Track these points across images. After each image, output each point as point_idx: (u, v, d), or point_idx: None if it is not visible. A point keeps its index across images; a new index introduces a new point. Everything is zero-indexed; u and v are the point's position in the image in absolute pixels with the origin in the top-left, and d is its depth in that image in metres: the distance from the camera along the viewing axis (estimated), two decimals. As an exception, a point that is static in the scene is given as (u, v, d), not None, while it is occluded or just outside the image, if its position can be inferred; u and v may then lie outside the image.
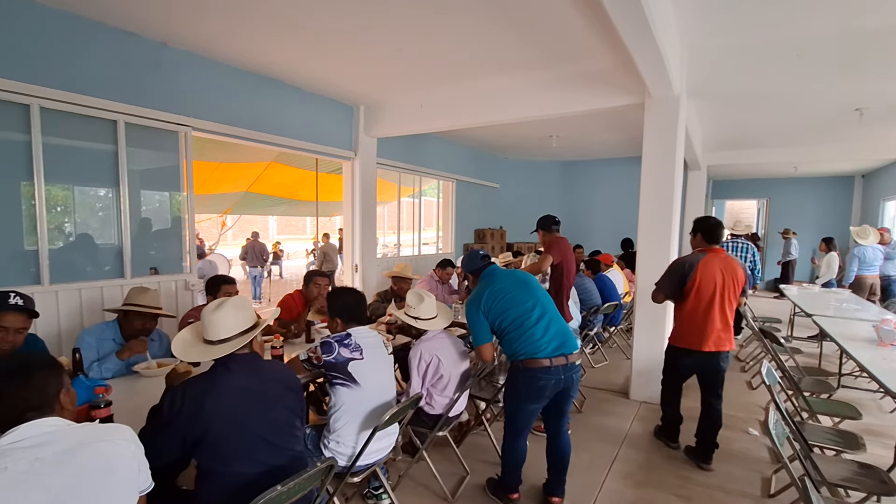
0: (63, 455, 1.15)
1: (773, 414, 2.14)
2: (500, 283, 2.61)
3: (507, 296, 2.55)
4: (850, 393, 4.47)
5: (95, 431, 1.25)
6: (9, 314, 2.12)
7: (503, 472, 2.72)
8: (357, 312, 2.43)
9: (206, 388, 1.65)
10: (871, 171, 10.43)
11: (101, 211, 3.83)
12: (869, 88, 4.78)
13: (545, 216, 4.05)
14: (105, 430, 1.27)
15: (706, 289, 3.04)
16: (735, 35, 3.69)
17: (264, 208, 13.16)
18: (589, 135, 7.59)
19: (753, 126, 6.66)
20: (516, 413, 2.58)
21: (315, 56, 4.20)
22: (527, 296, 2.56)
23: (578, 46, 3.84)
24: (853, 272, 6.43)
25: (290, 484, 1.47)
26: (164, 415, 1.62)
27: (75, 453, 1.16)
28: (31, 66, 3.17)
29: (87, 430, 1.24)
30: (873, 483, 2.22)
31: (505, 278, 2.65)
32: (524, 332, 2.48)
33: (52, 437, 1.17)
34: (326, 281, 3.77)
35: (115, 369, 2.52)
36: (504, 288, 2.57)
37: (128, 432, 1.30)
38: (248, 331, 1.80)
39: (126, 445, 1.27)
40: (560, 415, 2.62)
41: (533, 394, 2.46)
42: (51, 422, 1.22)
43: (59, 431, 1.20)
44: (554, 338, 2.48)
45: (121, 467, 1.24)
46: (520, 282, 2.64)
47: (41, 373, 1.29)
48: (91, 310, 3.54)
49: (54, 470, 1.12)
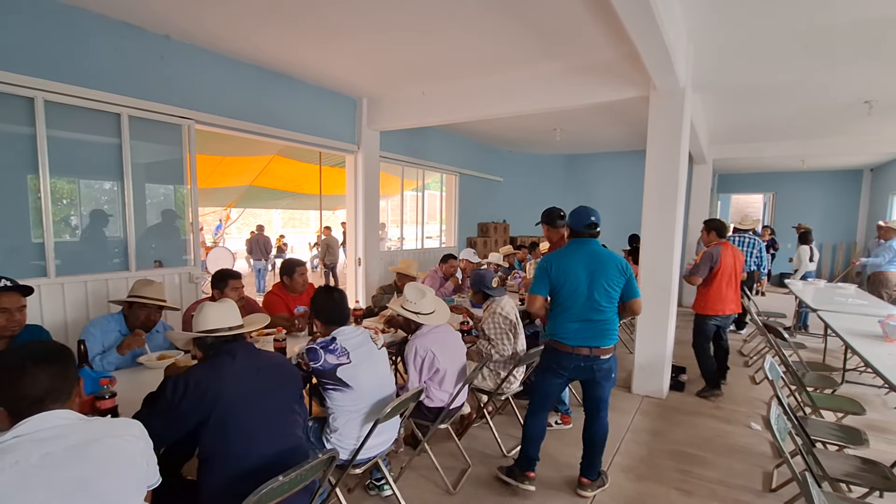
0: (73, 450, 1.15)
1: (774, 409, 2.14)
2: (577, 261, 2.64)
3: (570, 276, 2.62)
4: (855, 388, 4.45)
5: (106, 426, 1.25)
6: (4, 295, 2.18)
7: (522, 446, 2.83)
8: (337, 314, 2.35)
9: (210, 372, 1.71)
10: (881, 164, 10.30)
11: (105, 204, 3.85)
12: (878, 80, 4.71)
13: (550, 209, 3.69)
14: (115, 425, 1.28)
15: (725, 271, 4.20)
16: (741, 27, 3.64)
17: (268, 202, 13.19)
18: (593, 128, 7.54)
19: (760, 119, 6.58)
20: (540, 384, 2.85)
21: (318, 48, 4.19)
22: (586, 285, 2.60)
23: (582, 39, 3.80)
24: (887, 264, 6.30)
25: (292, 475, 1.48)
26: (167, 398, 1.64)
27: (85, 449, 1.16)
28: (35, 59, 3.19)
29: (97, 424, 1.25)
30: (875, 478, 2.21)
31: (583, 258, 2.64)
32: (562, 314, 2.65)
33: (64, 430, 1.17)
34: (305, 267, 3.78)
35: (118, 362, 2.54)
36: (574, 268, 2.62)
37: (137, 428, 1.32)
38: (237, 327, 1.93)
39: (136, 442, 1.28)
40: (591, 400, 2.78)
41: (553, 371, 2.75)
42: (63, 414, 1.21)
43: (70, 425, 1.20)
44: (583, 329, 2.60)
45: (130, 463, 1.25)
46: (591, 270, 2.61)
47: (71, 362, 1.30)
48: (96, 302, 3.57)
49: (65, 465, 1.12)
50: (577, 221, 2.73)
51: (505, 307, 3.39)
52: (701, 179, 8.65)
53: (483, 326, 3.37)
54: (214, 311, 1.90)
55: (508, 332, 3.32)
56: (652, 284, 4.16)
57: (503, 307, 3.38)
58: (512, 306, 3.46)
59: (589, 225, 2.69)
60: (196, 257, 4.34)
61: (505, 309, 3.37)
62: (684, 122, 4.01)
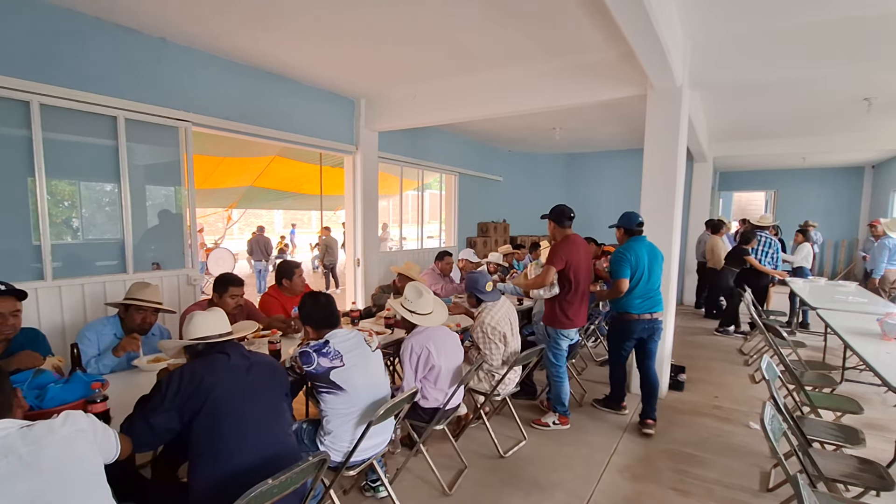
0: (20, 462, 1.12)
1: (768, 409, 2.13)
2: (642, 251, 3.52)
3: (641, 263, 3.49)
4: (854, 387, 4.43)
5: (49, 430, 1.22)
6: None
7: (612, 391, 3.93)
8: (326, 318, 2.34)
9: (204, 368, 1.77)
10: (882, 161, 10.25)
11: (103, 206, 3.86)
12: (878, 77, 4.69)
13: (559, 207, 3.58)
14: (58, 425, 1.24)
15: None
16: (738, 24, 3.62)
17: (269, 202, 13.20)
18: (593, 127, 7.52)
19: (760, 116, 6.56)
20: (615, 349, 3.78)
21: (315, 49, 4.18)
22: (648, 270, 3.51)
23: (579, 37, 3.79)
24: (883, 265, 6.30)
25: (282, 477, 1.48)
26: (161, 393, 1.68)
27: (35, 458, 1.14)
28: (31, 62, 3.19)
29: (40, 430, 1.21)
30: (872, 478, 2.20)
31: (644, 249, 3.53)
32: (630, 293, 3.50)
33: (4, 444, 1.13)
34: (301, 268, 3.82)
35: (114, 364, 2.55)
36: (641, 257, 3.50)
37: (82, 420, 1.31)
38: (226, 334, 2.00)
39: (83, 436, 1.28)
40: (646, 354, 3.67)
41: (626, 336, 3.63)
42: (1, 425, 1.18)
43: (10, 437, 1.16)
44: (644, 301, 3.53)
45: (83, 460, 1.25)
46: (649, 258, 3.53)
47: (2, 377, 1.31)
48: (94, 305, 3.58)
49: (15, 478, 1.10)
50: (630, 222, 3.61)
51: (496, 316, 3.33)
52: (702, 177, 8.63)
53: (472, 334, 3.37)
54: (203, 319, 1.96)
55: (497, 341, 3.30)
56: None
57: (493, 316, 3.32)
58: (505, 312, 3.41)
59: (640, 224, 3.61)
60: (194, 259, 4.35)
61: (495, 318, 3.32)
62: (682, 120, 3.99)
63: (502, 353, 3.31)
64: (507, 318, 3.40)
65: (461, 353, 3.00)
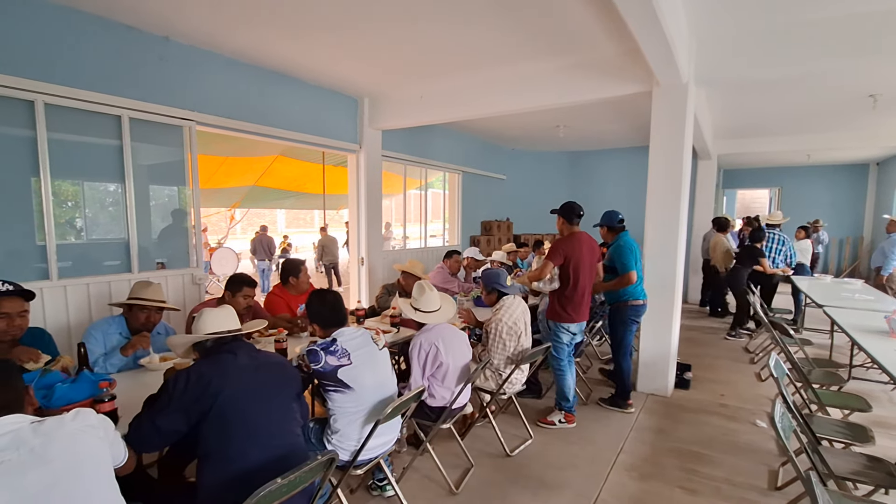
0: (30, 454, 1.14)
1: (779, 407, 2.11)
2: (634, 246, 3.83)
3: (637, 255, 3.83)
4: (862, 385, 4.41)
5: (59, 424, 1.23)
6: (5, 300, 2.17)
7: (618, 385, 3.97)
8: (334, 316, 2.34)
9: (212, 366, 1.75)
10: (887, 158, 10.20)
11: (107, 206, 3.86)
12: (883, 73, 4.66)
13: (569, 203, 3.61)
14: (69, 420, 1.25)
15: None
16: (744, 20, 3.60)
17: (272, 202, 13.22)
18: (597, 124, 7.50)
19: (765, 113, 6.53)
20: (623, 334, 3.93)
21: (318, 48, 4.18)
22: (640, 261, 3.92)
23: (584, 34, 3.77)
24: (893, 262, 6.25)
25: (291, 476, 1.48)
26: (169, 393, 1.67)
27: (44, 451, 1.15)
28: (35, 62, 3.19)
29: (50, 424, 1.22)
30: (881, 476, 2.19)
31: (633, 244, 3.83)
32: None
33: (17, 436, 1.15)
34: (306, 267, 3.86)
35: (121, 364, 2.55)
36: (635, 250, 3.82)
37: (93, 417, 1.32)
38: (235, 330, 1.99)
39: (93, 431, 1.29)
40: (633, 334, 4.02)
41: (632, 320, 3.91)
42: (11, 419, 1.20)
43: (22, 430, 1.18)
44: (642, 287, 3.93)
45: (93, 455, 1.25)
46: (639, 252, 3.93)
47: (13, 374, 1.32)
48: (99, 304, 3.59)
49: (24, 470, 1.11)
50: (612, 220, 3.94)
51: (514, 314, 3.32)
52: (706, 175, 8.60)
53: (486, 328, 3.35)
54: (213, 315, 1.95)
55: (507, 340, 3.28)
56: (656, 281, 4.14)
57: (511, 315, 3.31)
58: (521, 312, 3.39)
59: (621, 221, 3.95)
60: (199, 259, 4.35)
61: (513, 317, 3.31)
62: (687, 118, 3.97)
63: (508, 352, 3.30)
64: (523, 318, 3.40)
65: (469, 351, 2.99)
